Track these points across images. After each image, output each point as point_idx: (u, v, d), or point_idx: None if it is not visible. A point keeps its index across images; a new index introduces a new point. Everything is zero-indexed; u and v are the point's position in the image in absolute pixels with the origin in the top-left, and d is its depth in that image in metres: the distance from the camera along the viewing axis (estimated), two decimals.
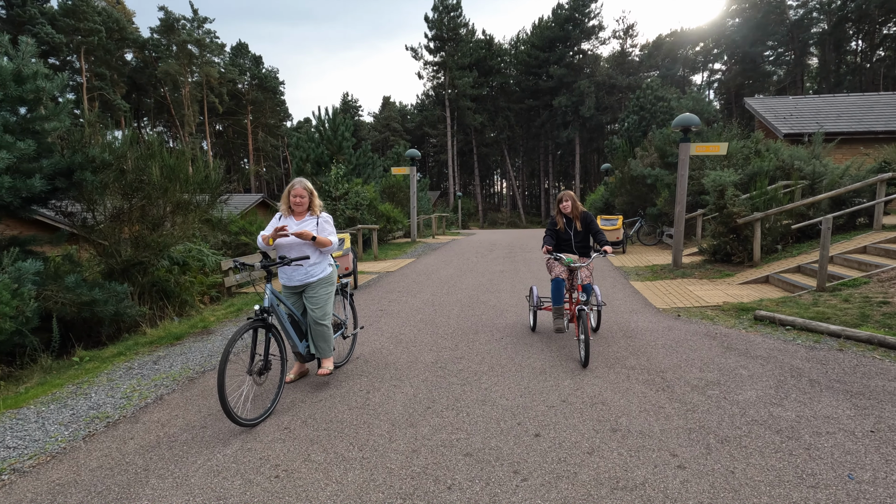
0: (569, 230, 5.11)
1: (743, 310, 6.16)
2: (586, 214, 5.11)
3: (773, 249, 9.03)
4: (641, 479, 2.66)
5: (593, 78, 47.90)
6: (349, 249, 8.24)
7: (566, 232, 5.12)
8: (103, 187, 6.44)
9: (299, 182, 3.83)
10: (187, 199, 7.42)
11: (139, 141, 7.47)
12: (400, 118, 64.11)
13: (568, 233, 5.11)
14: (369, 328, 5.96)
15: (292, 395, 3.92)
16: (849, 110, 16.44)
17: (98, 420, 3.61)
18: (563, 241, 5.16)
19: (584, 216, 5.10)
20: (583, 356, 4.37)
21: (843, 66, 43.39)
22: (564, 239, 5.15)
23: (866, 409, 3.39)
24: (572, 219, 5.11)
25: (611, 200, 19.49)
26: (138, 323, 6.39)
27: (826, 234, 6.28)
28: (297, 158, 17.27)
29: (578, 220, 5.09)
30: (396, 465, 2.86)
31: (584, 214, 5.10)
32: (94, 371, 4.71)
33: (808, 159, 10.51)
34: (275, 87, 59.10)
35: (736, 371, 4.19)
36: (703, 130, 15.01)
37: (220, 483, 2.72)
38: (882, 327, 4.93)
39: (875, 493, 2.46)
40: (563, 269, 4.92)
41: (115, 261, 6.76)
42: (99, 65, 43.71)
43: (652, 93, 24.87)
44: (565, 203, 5.09)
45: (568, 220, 5.13)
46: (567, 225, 5.13)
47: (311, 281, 3.90)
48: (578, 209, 5.10)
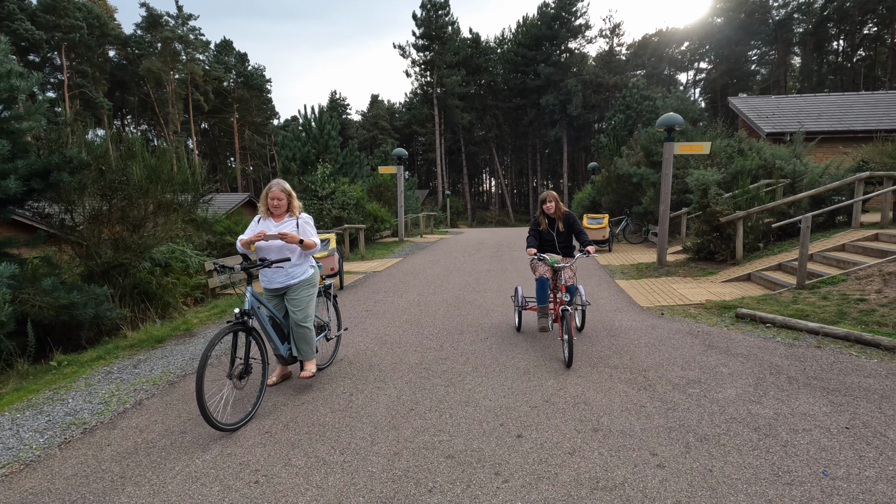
0: (552, 231, 5.12)
1: (725, 308, 6.24)
2: (569, 215, 5.11)
3: (755, 247, 9.16)
4: (621, 478, 2.68)
5: (580, 77, 48.13)
6: (335, 250, 8.19)
7: (549, 232, 5.12)
8: (81, 188, 6.32)
9: (276, 184, 3.80)
10: (170, 200, 7.33)
11: (120, 140, 7.36)
12: (388, 117, 63.87)
13: (551, 233, 5.11)
14: (354, 329, 5.93)
15: (274, 399, 3.89)
16: (829, 110, 16.72)
17: (74, 426, 3.54)
18: (547, 242, 5.16)
19: (567, 216, 5.10)
20: (566, 356, 4.37)
21: (825, 66, 44.12)
22: (548, 239, 5.14)
23: (842, 406, 3.45)
24: (555, 219, 5.12)
25: (597, 199, 19.62)
26: (119, 326, 6.29)
27: (805, 233, 6.38)
28: (284, 157, 17.12)
29: (561, 220, 5.09)
30: (378, 468, 2.85)
31: (566, 215, 5.11)
32: (72, 376, 4.62)
33: (789, 158, 10.67)
34: (261, 85, 58.52)
35: (717, 369, 4.24)
36: (687, 130, 15.17)
37: (198, 490, 2.69)
38: (859, 324, 5.02)
39: (848, 490, 2.51)
40: (546, 269, 4.90)
41: (95, 263, 6.65)
42: (80, 62, 42.91)
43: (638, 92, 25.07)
44: (549, 204, 5.08)
45: (551, 221, 5.14)
46: (550, 225, 5.14)
47: (293, 283, 3.86)
48: (561, 209, 5.11)
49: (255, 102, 57.97)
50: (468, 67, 50.38)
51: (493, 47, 54.67)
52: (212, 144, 58.70)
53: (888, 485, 2.53)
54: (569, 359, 4.33)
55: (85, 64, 42.98)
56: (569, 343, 4.35)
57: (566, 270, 4.79)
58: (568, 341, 4.35)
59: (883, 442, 2.95)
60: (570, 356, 4.34)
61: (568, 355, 4.35)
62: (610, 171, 17.67)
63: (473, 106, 52.60)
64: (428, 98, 51.99)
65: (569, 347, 4.35)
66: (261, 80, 58.50)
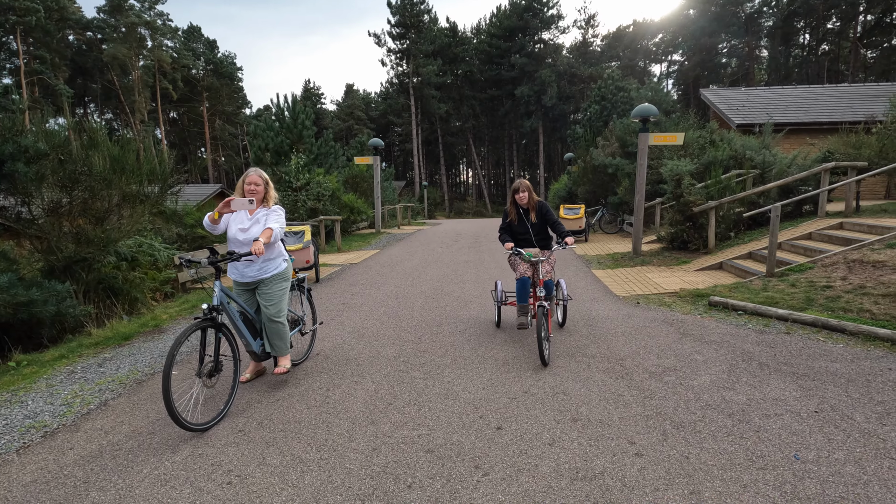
0: (525, 222, 4.84)
1: (698, 296, 6.35)
2: (542, 204, 4.83)
3: (727, 237, 9.36)
4: (600, 468, 2.68)
5: (555, 67, 48.30)
6: (310, 242, 8.02)
7: (522, 224, 4.85)
8: (39, 179, 6.01)
9: (254, 170, 3.66)
10: (135, 191, 7.03)
11: (82, 129, 7.01)
12: (364, 106, 62.99)
13: (525, 225, 4.84)
14: (330, 323, 5.83)
15: (248, 396, 3.78)
16: (796, 102, 17.18)
17: (34, 430, 3.37)
18: (521, 235, 4.87)
19: (540, 206, 4.83)
20: (543, 356, 4.16)
21: (792, 60, 45.33)
22: (521, 232, 4.86)
23: (811, 391, 3.54)
24: (528, 209, 4.84)
25: (574, 189, 19.78)
26: (83, 323, 6.02)
27: (775, 222, 6.54)
28: (256, 147, 16.69)
29: (534, 210, 4.81)
30: (356, 464, 2.79)
31: (539, 205, 4.83)
32: (31, 376, 4.41)
33: (758, 149, 10.92)
34: (232, 74, 56.93)
35: (691, 357, 4.31)
36: (661, 121, 15.37)
37: (167, 493, 2.58)
38: (825, 310, 5.17)
39: (818, 472, 2.56)
40: (527, 268, 4.68)
41: (56, 257, 6.34)
42: (38, 47, 40.90)
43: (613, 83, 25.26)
44: (521, 194, 4.78)
45: (524, 212, 4.85)
46: (523, 217, 4.85)
47: (265, 277, 3.74)
48: (534, 199, 4.83)
49: (225, 91, 56.41)
50: (445, 57, 50.00)
51: (469, 37, 54.36)
52: (181, 134, 56.95)
53: (856, 466, 2.60)
54: (545, 358, 4.14)
55: (43, 49, 40.99)
56: (545, 341, 4.20)
57: (544, 265, 4.56)
58: (545, 339, 4.18)
59: (850, 425, 3.04)
60: (545, 355, 4.16)
61: (545, 354, 4.18)
62: (586, 161, 17.81)
63: (450, 96, 52.32)
64: (404, 88, 51.45)
65: (544, 345, 4.19)
66: (231, 67, 56.91)
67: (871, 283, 5.53)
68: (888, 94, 15.05)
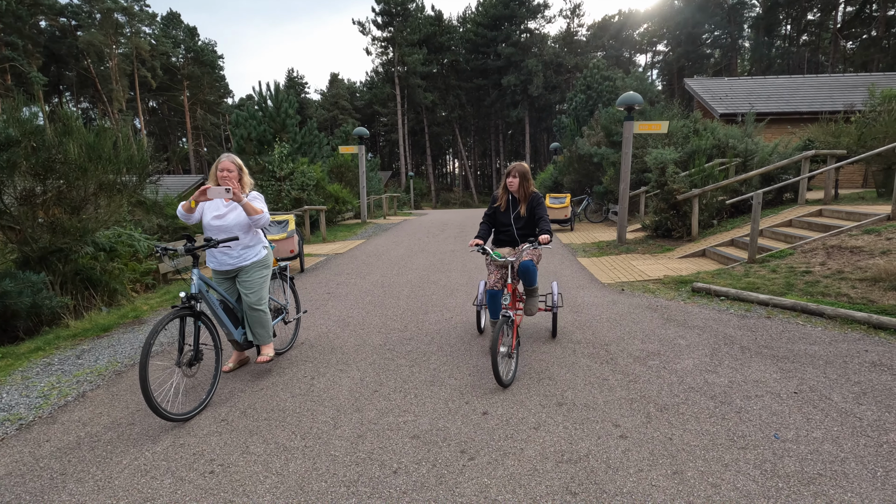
0: (510, 213, 4.17)
1: (682, 282, 6.42)
2: (536, 197, 4.12)
3: (710, 224, 9.47)
4: (585, 451, 2.70)
5: (541, 57, 48.21)
6: (294, 231, 7.92)
7: (506, 214, 4.17)
8: (11, 167, 5.81)
9: (227, 156, 3.57)
10: (112, 180, 6.85)
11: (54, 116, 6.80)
12: (349, 96, 62.24)
13: (508, 216, 4.16)
14: (315, 312, 5.77)
15: (231, 385, 3.72)
16: (777, 92, 17.39)
17: (9, 423, 3.28)
18: (502, 227, 4.21)
19: (533, 199, 4.11)
20: (505, 374, 3.48)
21: (774, 50, 45.84)
22: (503, 223, 4.19)
23: (791, 372, 3.60)
24: (518, 200, 4.16)
25: (559, 179, 19.84)
26: (60, 315, 5.88)
27: (756, 209, 6.62)
28: (238, 136, 16.37)
29: (525, 202, 4.13)
30: (341, 451, 2.77)
31: (533, 197, 4.11)
32: (6, 369, 4.29)
33: (741, 138, 11.03)
34: (213, 62, 55.72)
35: (675, 341, 4.36)
36: (646, 110, 15.44)
37: (147, 483, 2.53)
38: (805, 295, 5.27)
39: (797, 451, 2.61)
40: (498, 277, 3.97)
41: (31, 248, 6.17)
42: (10, 33, 39.48)
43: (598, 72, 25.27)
44: (512, 179, 4.08)
45: (513, 201, 4.18)
46: (511, 206, 4.18)
47: (245, 265, 3.67)
48: (528, 189, 4.12)
49: (206, 80, 55.22)
50: (431, 46, 49.55)
51: (455, 26, 53.90)
52: (161, 124, 55.73)
53: (833, 444, 2.65)
54: (503, 377, 3.39)
55: (14, 35, 39.59)
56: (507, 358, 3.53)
57: (522, 255, 3.97)
58: (506, 356, 3.50)
59: (828, 405, 3.10)
60: (505, 374, 3.48)
61: (510, 372, 3.56)
62: (571, 151, 17.86)
63: (436, 86, 51.94)
64: (389, 77, 50.93)
65: (506, 363, 3.55)
66: (212, 55, 55.70)
67: (849, 268, 5.64)
68: (866, 84, 15.30)
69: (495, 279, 3.99)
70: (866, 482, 2.34)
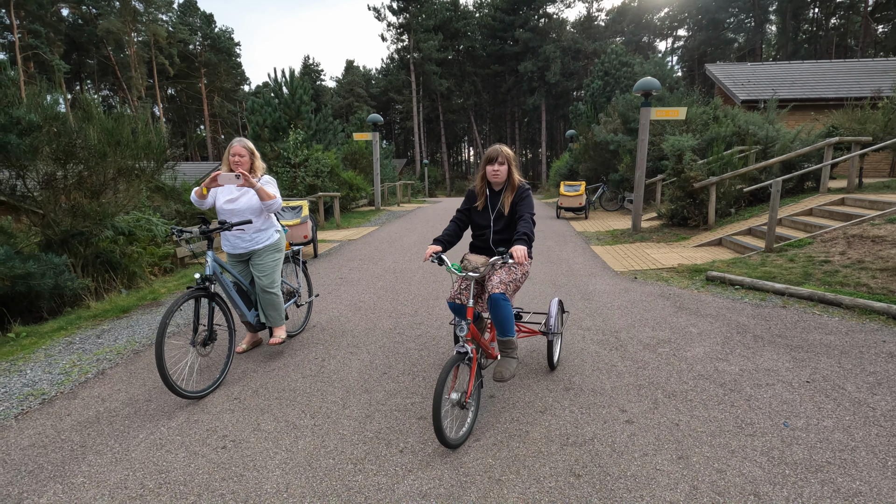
0: (490, 212, 3.10)
1: (696, 271, 6.34)
2: (523, 191, 3.05)
3: (727, 213, 9.30)
4: (591, 434, 2.71)
5: (559, 43, 47.37)
6: (308, 217, 7.99)
7: (485, 214, 3.12)
8: (33, 151, 5.95)
9: (238, 141, 3.60)
10: (130, 166, 6.98)
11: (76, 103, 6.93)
12: (364, 83, 62.07)
13: (487, 215, 3.11)
14: (328, 296, 5.84)
15: (244, 366, 3.81)
16: (802, 77, 16.88)
17: (32, 397, 3.41)
18: (479, 232, 3.17)
19: (520, 192, 3.04)
20: (454, 429, 2.70)
21: (801, 34, 44.37)
22: (481, 226, 3.13)
23: (804, 362, 3.55)
24: (501, 193, 3.10)
25: (575, 167, 19.63)
26: (81, 296, 6.05)
27: (775, 197, 6.48)
28: (254, 123, 16.48)
29: (510, 196, 3.04)
30: (349, 430, 2.82)
31: (520, 190, 3.05)
32: (30, 347, 4.44)
33: (762, 125, 10.76)
34: (229, 49, 55.97)
35: (686, 329, 4.32)
36: (664, 96, 15.14)
37: (162, 456, 2.62)
38: (822, 285, 5.16)
39: (807, 439, 2.59)
40: (463, 287, 2.97)
41: (53, 231, 6.33)
42: (32, 21, 40.14)
43: (617, 58, 24.79)
44: (498, 167, 3.00)
45: (493, 195, 3.12)
46: (491, 202, 3.11)
47: (257, 248, 3.73)
48: (515, 180, 3.05)
49: (223, 67, 55.53)
50: (446, 32, 49.02)
51: (471, 11, 53.19)
52: (179, 111, 56.32)
53: (844, 434, 2.62)
54: (448, 436, 2.53)
55: (37, 23, 40.24)
56: (461, 408, 2.70)
57: (492, 276, 2.95)
58: (457, 405, 2.65)
59: (841, 394, 3.05)
60: (465, 428, 2.70)
61: (463, 426, 2.73)
62: (587, 138, 17.63)
63: (452, 72, 51.48)
64: (405, 63, 50.61)
65: (468, 414, 2.78)
66: (229, 43, 55.92)
67: (870, 257, 5.50)
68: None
69: (458, 289, 2.99)
70: (876, 471, 2.31)
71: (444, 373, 2.47)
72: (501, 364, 2.99)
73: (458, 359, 2.62)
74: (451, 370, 2.56)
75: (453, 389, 2.64)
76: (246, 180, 3.42)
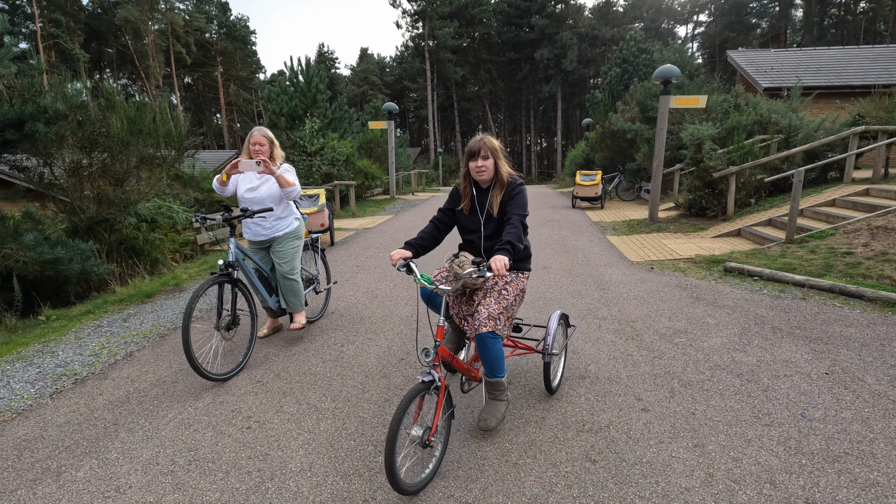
0: (478, 214, 2.65)
1: (714, 262, 6.29)
2: (513, 187, 2.58)
3: (747, 203, 9.16)
4: (606, 421, 2.74)
5: (576, 29, 46.60)
6: (324, 205, 8.07)
7: (474, 216, 2.67)
8: (59, 140, 6.09)
9: (258, 130, 3.67)
10: (152, 153, 7.11)
11: (98, 92, 7.06)
12: (378, 71, 61.89)
13: (476, 219, 2.66)
14: (345, 283, 5.92)
15: (265, 350, 3.91)
16: (828, 64, 16.40)
17: (65, 377, 3.55)
18: (468, 237, 2.73)
19: (510, 190, 2.58)
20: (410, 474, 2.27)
21: (827, 19, 43.01)
22: (470, 230, 2.69)
23: (823, 353, 3.53)
24: (488, 191, 2.64)
25: (591, 156, 19.42)
26: (107, 281, 6.23)
27: (797, 187, 6.37)
28: (270, 112, 16.60)
29: (499, 195, 2.59)
30: (369, 414, 2.90)
31: (510, 187, 2.58)
32: (61, 329, 4.60)
33: (784, 113, 10.53)
34: (245, 37, 56.13)
35: (703, 320, 4.31)
36: (684, 84, 14.86)
37: (191, 435, 2.72)
38: (844, 276, 5.09)
39: (824, 430, 2.59)
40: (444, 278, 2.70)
41: (79, 218, 6.51)
42: (53, 10, 40.69)
43: (635, 45, 24.33)
44: (482, 162, 2.54)
45: (480, 193, 2.66)
46: (478, 202, 2.66)
47: (277, 235, 3.81)
48: (503, 175, 2.58)
49: (239, 55, 55.77)
50: (461, 19, 48.51)
51: None
52: (196, 100, 56.82)
53: (863, 425, 2.62)
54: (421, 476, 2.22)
55: (58, 12, 40.79)
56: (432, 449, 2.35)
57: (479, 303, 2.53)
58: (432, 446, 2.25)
59: (860, 386, 3.04)
60: (427, 472, 2.25)
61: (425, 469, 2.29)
62: (604, 127, 17.41)
63: (467, 60, 51.04)
64: (420, 51, 50.30)
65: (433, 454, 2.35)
66: (244, 31, 56.07)
67: (895, 249, 5.40)
68: None
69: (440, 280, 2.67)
70: (895, 463, 2.31)
71: (404, 404, 2.05)
72: (488, 409, 2.59)
73: (422, 389, 2.15)
74: (414, 401, 2.14)
75: (416, 423, 2.18)
76: (266, 167, 3.49)
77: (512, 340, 3.05)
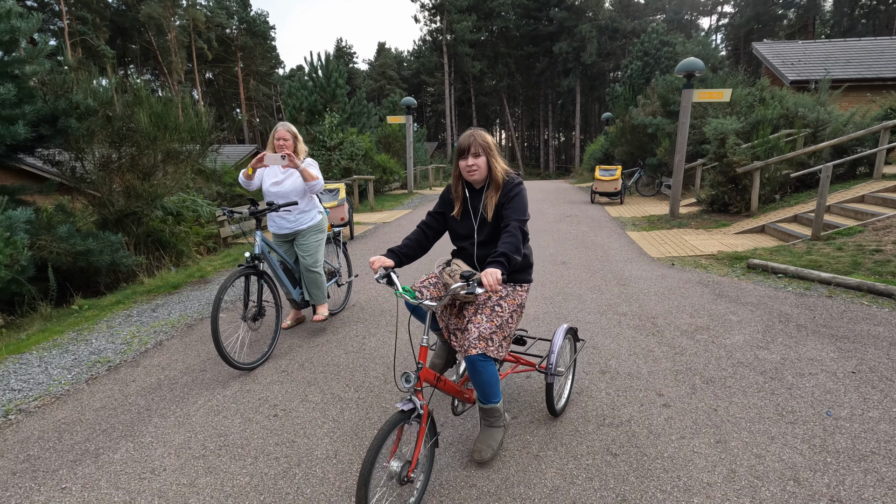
0: (472, 218, 2.38)
1: (737, 258, 6.20)
2: (510, 187, 2.30)
3: (771, 199, 8.98)
4: (627, 416, 2.76)
5: (595, 22, 45.92)
6: (344, 199, 8.16)
7: (467, 221, 2.40)
8: (90, 135, 6.28)
9: (283, 125, 3.75)
10: (178, 148, 7.28)
11: (125, 88, 7.25)
12: (396, 65, 61.89)
13: (470, 224, 2.39)
14: (365, 277, 6.00)
15: (289, 341, 4.00)
16: (858, 56, 15.90)
17: (99, 364, 3.68)
18: (461, 243, 2.45)
19: (506, 191, 2.30)
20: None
21: (858, 10, 41.58)
22: (462, 235, 2.42)
23: (850, 352, 3.47)
24: (482, 192, 2.37)
25: (610, 151, 19.20)
26: (136, 273, 6.41)
27: (825, 183, 6.23)
28: (290, 107, 16.78)
29: (494, 196, 2.31)
30: (391, 403, 2.95)
31: (506, 187, 2.31)
32: (93, 319, 4.77)
33: (812, 107, 10.26)
34: (265, 32, 56.67)
35: (725, 317, 4.27)
36: (707, 77, 14.57)
37: (220, 421, 2.81)
38: (872, 274, 4.98)
39: (850, 429, 2.56)
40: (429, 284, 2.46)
41: (108, 211, 6.71)
42: (80, 7, 41.63)
43: (657, 37, 23.89)
44: (472, 160, 2.28)
45: (474, 195, 2.40)
46: (472, 205, 2.39)
47: (301, 228, 3.89)
48: (499, 173, 2.32)
49: (259, 51, 56.35)
50: (480, 12, 48.18)
51: None
52: (217, 95, 57.62)
53: (890, 424, 2.58)
54: None
55: (84, 10, 41.72)
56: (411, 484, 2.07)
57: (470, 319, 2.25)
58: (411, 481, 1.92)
59: (888, 385, 2.99)
60: None
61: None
62: (624, 121, 17.17)
63: (485, 54, 50.71)
64: (437, 45, 50.15)
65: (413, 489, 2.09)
66: (264, 26, 56.60)
67: None
68: None
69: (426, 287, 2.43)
70: None
71: (381, 436, 1.79)
72: (483, 438, 2.35)
73: (401, 419, 1.88)
74: (393, 432, 1.88)
75: (394, 456, 1.91)
76: (291, 161, 3.56)
77: (513, 355, 2.76)
